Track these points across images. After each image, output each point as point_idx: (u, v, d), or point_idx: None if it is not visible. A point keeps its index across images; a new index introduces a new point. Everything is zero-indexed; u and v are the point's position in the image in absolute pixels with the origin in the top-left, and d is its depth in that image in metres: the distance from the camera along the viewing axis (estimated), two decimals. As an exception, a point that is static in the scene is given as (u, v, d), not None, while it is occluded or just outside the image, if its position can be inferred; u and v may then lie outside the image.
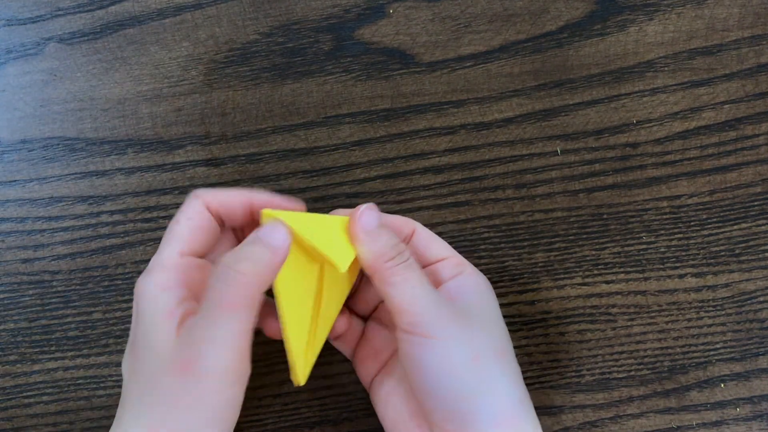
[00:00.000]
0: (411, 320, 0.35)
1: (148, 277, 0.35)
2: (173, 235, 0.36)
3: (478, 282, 0.38)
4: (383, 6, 0.46)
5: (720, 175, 0.45)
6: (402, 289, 0.35)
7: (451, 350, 0.35)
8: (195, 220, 0.36)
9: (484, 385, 0.35)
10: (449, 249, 0.39)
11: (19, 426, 0.43)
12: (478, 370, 0.35)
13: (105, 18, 0.46)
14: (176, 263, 0.35)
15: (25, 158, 0.45)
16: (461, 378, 0.35)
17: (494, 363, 0.35)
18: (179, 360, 0.32)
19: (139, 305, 0.35)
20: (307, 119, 0.45)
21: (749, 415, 0.43)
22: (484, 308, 0.37)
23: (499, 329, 0.37)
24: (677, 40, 0.46)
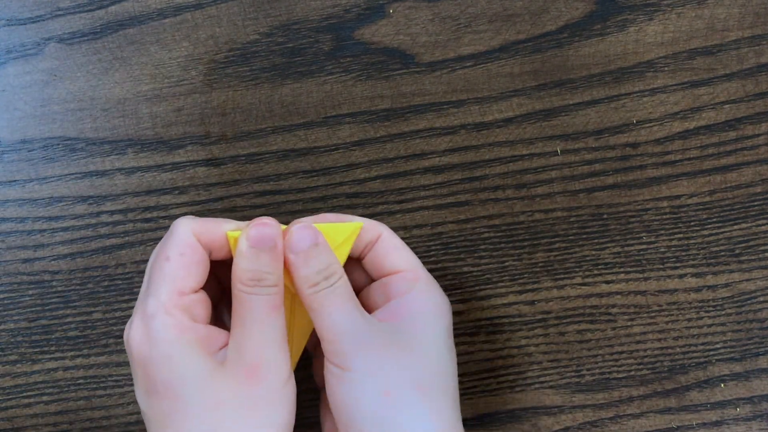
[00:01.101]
0: (328, 348, 0.35)
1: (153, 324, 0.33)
2: (165, 275, 0.34)
3: (425, 302, 0.36)
4: (383, 6, 0.46)
5: (720, 175, 0.45)
6: (323, 316, 0.34)
7: (362, 384, 0.34)
8: (188, 256, 0.34)
9: (391, 422, 0.34)
10: (409, 260, 0.37)
11: (19, 426, 0.43)
12: (387, 406, 0.34)
13: (105, 18, 0.46)
14: (179, 304, 0.34)
15: (25, 158, 0.45)
16: (369, 413, 0.34)
17: (409, 398, 0.34)
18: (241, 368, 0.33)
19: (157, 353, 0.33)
20: (307, 119, 0.45)
21: (749, 415, 0.43)
22: (425, 332, 0.36)
23: (436, 356, 0.36)
24: (677, 40, 0.46)
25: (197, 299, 0.35)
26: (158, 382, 0.33)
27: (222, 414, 0.33)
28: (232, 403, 0.33)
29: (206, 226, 0.35)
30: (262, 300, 0.34)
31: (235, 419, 0.33)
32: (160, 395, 0.33)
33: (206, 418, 0.33)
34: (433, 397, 0.35)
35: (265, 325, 0.34)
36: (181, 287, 0.34)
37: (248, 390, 0.33)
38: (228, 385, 0.33)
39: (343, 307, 0.35)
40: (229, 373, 0.33)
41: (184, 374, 0.33)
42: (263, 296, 0.34)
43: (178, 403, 0.33)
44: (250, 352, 0.33)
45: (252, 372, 0.33)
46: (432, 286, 0.37)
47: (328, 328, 0.35)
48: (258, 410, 0.33)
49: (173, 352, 0.33)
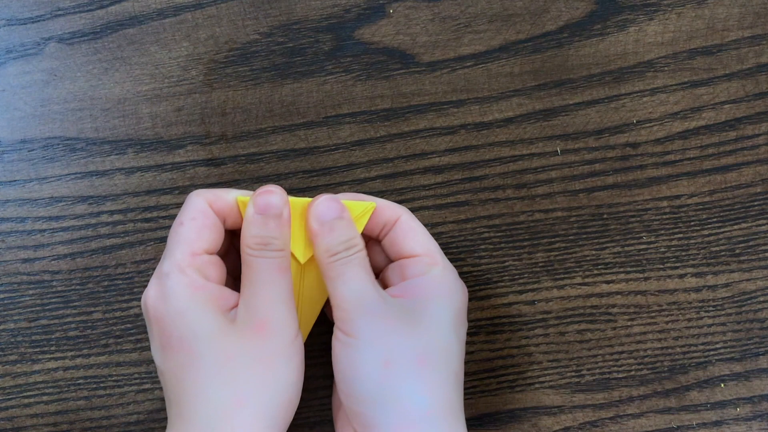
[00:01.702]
0: (338, 315, 0.36)
1: (169, 283, 0.35)
2: (180, 238, 0.36)
3: (439, 285, 0.37)
4: (383, 6, 0.46)
5: (720, 175, 0.45)
6: (337, 284, 0.36)
7: (365, 352, 0.35)
8: (199, 220, 0.36)
9: (389, 393, 0.35)
10: (427, 245, 0.38)
11: (19, 426, 0.43)
12: (386, 376, 0.35)
13: (105, 18, 0.46)
14: (192, 263, 0.35)
15: (25, 158, 0.45)
16: (368, 382, 0.35)
17: (409, 370, 0.35)
18: (251, 325, 0.34)
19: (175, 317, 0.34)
20: (307, 119, 0.45)
21: (749, 415, 0.43)
22: (434, 312, 0.37)
23: (441, 336, 0.36)
24: (677, 40, 0.46)
25: (210, 260, 0.36)
26: (173, 338, 0.35)
27: (232, 368, 0.34)
28: (242, 358, 0.34)
29: (218, 194, 0.37)
30: (269, 263, 0.35)
31: (245, 373, 0.34)
32: (174, 350, 0.35)
33: (218, 371, 0.34)
34: (434, 373, 0.36)
35: (272, 286, 0.35)
36: (193, 249, 0.36)
37: (257, 346, 0.34)
38: (238, 341, 0.34)
39: (358, 277, 0.36)
40: (238, 330, 0.34)
41: (196, 329, 0.34)
42: (270, 259, 0.35)
43: (191, 357, 0.34)
44: (258, 311, 0.35)
45: (260, 329, 0.34)
46: (448, 273, 0.38)
47: (341, 295, 0.36)
48: (266, 365, 0.34)
49: (186, 308, 0.34)
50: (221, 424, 0.33)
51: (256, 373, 0.34)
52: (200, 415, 0.34)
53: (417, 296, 0.37)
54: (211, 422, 0.34)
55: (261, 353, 0.34)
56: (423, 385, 0.35)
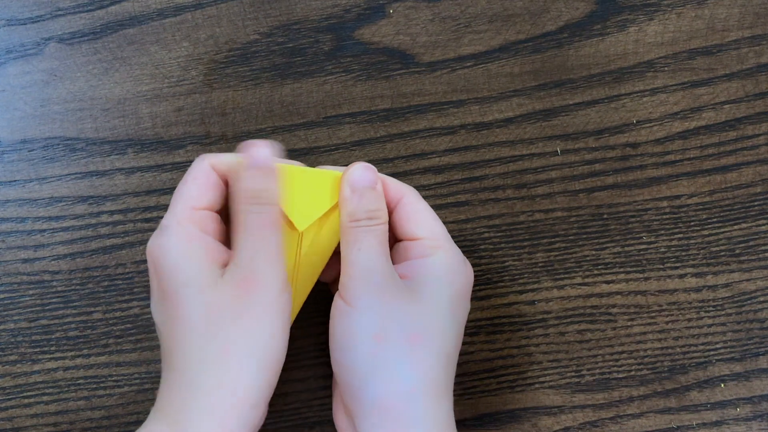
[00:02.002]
0: (343, 281, 0.36)
1: (167, 233, 0.36)
2: (182, 194, 0.37)
3: (440, 268, 0.37)
4: (383, 6, 0.46)
5: (720, 175, 0.45)
6: (352, 249, 0.36)
7: (358, 323, 0.35)
8: (201, 179, 0.37)
9: (377, 366, 0.35)
10: (431, 228, 0.38)
11: (19, 426, 0.43)
12: (376, 349, 0.35)
13: (105, 18, 0.46)
14: (191, 217, 0.36)
15: (25, 158, 0.45)
16: (358, 352, 0.35)
17: (399, 346, 0.35)
18: (238, 278, 0.34)
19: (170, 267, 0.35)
20: (307, 119, 0.45)
21: (749, 415, 0.43)
22: (432, 293, 0.37)
23: (437, 316, 0.37)
24: (677, 40, 0.46)
25: (209, 216, 0.37)
26: (165, 287, 0.35)
27: (217, 318, 0.34)
28: (227, 309, 0.34)
29: (221, 157, 0.37)
30: (259, 216, 0.35)
31: (232, 325, 0.34)
32: (165, 300, 0.35)
33: (206, 322, 0.34)
34: (424, 351, 0.36)
35: (260, 239, 0.35)
36: (193, 204, 0.36)
37: (242, 298, 0.34)
38: (224, 293, 0.34)
39: (373, 247, 0.36)
40: (226, 282, 0.35)
41: (187, 279, 0.35)
42: (260, 214, 0.35)
43: (179, 306, 0.34)
44: (245, 262, 0.35)
45: (246, 281, 0.34)
46: (450, 257, 0.38)
47: (352, 260, 0.36)
48: (250, 317, 0.34)
49: (180, 258, 0.35)
50: (208, 373, 0.34)
51: (242, 325, 0.34)
52: (188, 364, 0.34)
53: (417, 277, 0.37)
54: (198, 372, 0.34)
55: (244, 305, 0.34)
56: (411, 362, 0.35)
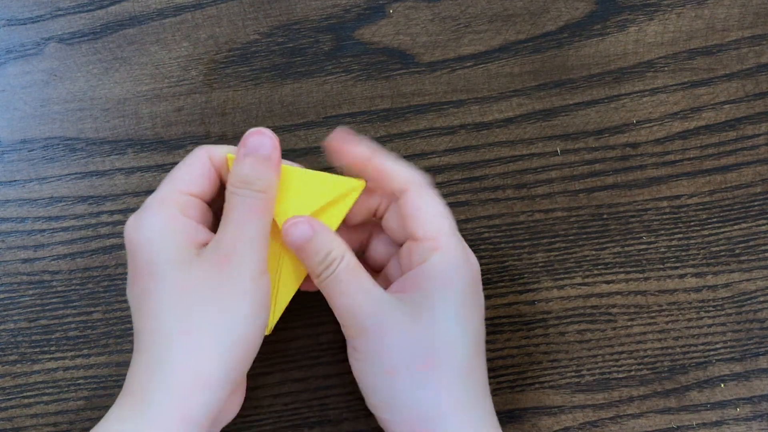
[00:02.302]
0: (343, 329, 0.37)
1: (146, 212, 0.35)
2: (171, 177, 0.36)
3: (437, 273, 0.36)
4: (383, 6, 0.46)
5: (720, 175, 0.45)
6: (332, 302, 0.36)
7: (368, 364, 0.36)
8: (195, 166, 0.36)
9: (397, 398, 0.35)
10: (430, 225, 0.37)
11: (19, 426, 0.43)
12: (391, 384, 0.35)
13: (105, 18, 0.46)
14: (175, 199, 0.36)
15: (25, 158, 0.45)
16: (377, 391, 0.36)
17: (413, 374, 0.35)
18: (213, 257, 0.34)
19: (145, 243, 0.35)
20: (307, 119, 0.45)
21: (749, 415, 0.43)
22: (434, 305, 0.36)
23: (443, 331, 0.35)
24: (677, 40, 0.46)
25: (195, 202, 0.36)
26: (138, 265, 0.35)
27: (186, 297, 0.34)
28: (197, 288, 0.34)
29: (220, 149, 0.37)
30: (247, 201, 0.35)
31: (202, 304, 0.34)
32: (138, 278, 0.35)
33: (172, 300, 0.34)
34: (440, 372, 0.35)
35: (244, 223, 0.35)
36: (180, 187, 0.36)
37: (214, 277, 0.34)
38: (200, 272, 0.34)
39: (347, 291, 0.36)
40: (203, 261, 0.34)
41: (159, 257, 0.34)
42: (248, 198, 0.35)
43: (151, 284, 0.34)
44: (224, 243, 0.34)
45: (222, 260, 0.34)
46: (449, 257, 0.36)
47: (337, 313, 0.36)
48: (224, 298, 0.34)
49: (155, 236, 0.35)
50: (173, 350, 0.33)
51: (208, 305, 0.34)
52: (156, 342, 0.34)
53: (415, 290, 0.36)
54: (163, 349, 0.33)
55: (217, 285, 0.34)
56: (429, 387, 0.35)
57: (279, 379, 0.43)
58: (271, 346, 0.43)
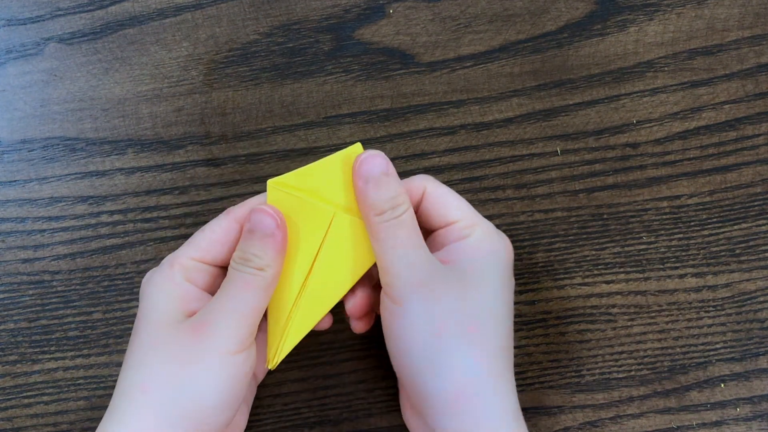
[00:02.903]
0: (386, 281, 0.36)
1: (158, 270, 0.37)
2: (191, 241, 0.37)
3: (482, 247, 0.36)
4: (383, 6, 0.46)
5: (720, 175, 0.45)
6: (385, 248, 0.35)
7: (415, 322, 0.35)
8: (217, 234, 0.37)
9: (440, 362, 0.34)
10: (460, 209, 0.37)
11: (19, 426, 0.43)
12: (437, 345, 0.34)
13: (105, 18, 0.46)
14: (183, 263, 0.37)
15: (25, 158, 0.45)
16: (420, 351, 0.35)
17: (458, 339, 0.34)
18: (193, 324, 0.35)
19: (145, 297, 0.36)
20: (307, 119, 0.45)
21: (749, 415, 0.43)
22: (480, 275, 0.36)
23: (489, 299, 0.36)
24: (677, 40, 0.46)
25: (204, 269, 0.37)
26: (138, 315, 0.37)
27: (158, 357, 0.34)
28: (173, 351, 0.34)
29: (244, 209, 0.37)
30: (242, 277, 0.35)
31: (168, 365, 0.34)
32: (134, 329, 0.37)
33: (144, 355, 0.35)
34: (483, 339, 0.35)
35: (232, 297, 0.35)
36: (192, 254, 0.37)
37: (189, 344, 0.34)
38: (177, 336, 0.35)
39: (408, 241, 0.35)
40: (185, 326, 0.35)
41: (149, 313, 0.36)
42: (244, 274, 0.35)
43: (136, 337, 0.36)
44: (206, 313, 0.35)
45: (197, 328, 0.34)
46: (488, 233, 0.37)
47: (389, 260, 0.35)
48: (191, 365, 0.34)
49: (152, 294, 0.36)
50: (122, 402, 0.34)
51: (174, 368, 0.34)
52: (116, 390, 0.35)
53: (461, 261, 0.36)
54: (117, 400, 0.35)
55: (187, 352, 0.34)
56: (473, 352, 0.35)
57: (279, 379, 0.43)
58: (271, 346, 0.43)
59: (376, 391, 0.43)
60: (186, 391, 0.34)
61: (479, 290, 0.36)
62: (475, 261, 0.36)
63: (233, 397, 0.35)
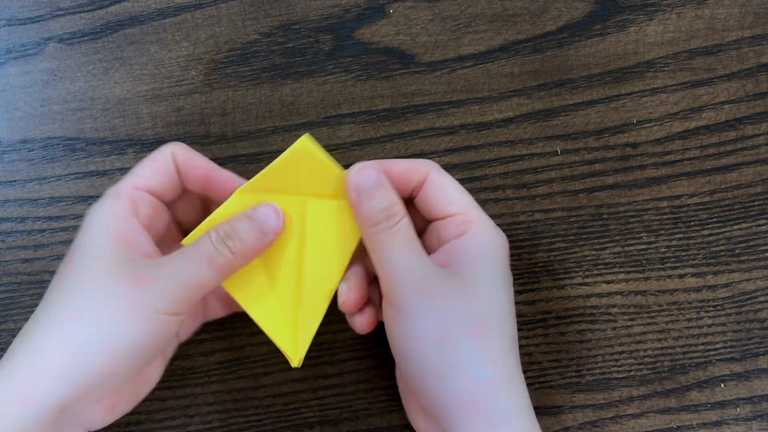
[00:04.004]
0: (387, 289, 0.35)
1: (102, 202, 0.36)
2: (132, 172, 0.37)
3: (478, 244, 0.36)
4: (383, 6, 0.46)
5: (720, 175, 0.45)
6: (382, 257, 0.35)
7: (419, 329, 0.34)
8: (158, 162, 0.37)
9: (450, 367, 0.34)
10: (459, 202, 0.37)
11: (19, 426, 0.43)
12: (444, 351, 0.34)
13: (105, 18, 0.46)
14: (129, 194, 0.36)
15: (25, 158, 0.45)
16: (427, 359, 0.34)
17: (465, 342, 0.34)
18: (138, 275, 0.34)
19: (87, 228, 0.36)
20: (307, 119, 0.45)
21: (749, 415, 0.43)
22: (479, 274, 0.36)
23: (491, 297, 0.35)
24: (677, 40, 0.46)
25: (149, 200, 0.37)
26: (73, 246, 0.36)
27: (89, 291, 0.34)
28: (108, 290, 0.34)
29: (189, 154, 0.38)
30: (212, 252, 0.35)
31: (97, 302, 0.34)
32: (68, 256, 0.36)
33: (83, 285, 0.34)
34: (490, 340, 0.35)
35: (193, 267, 0.35)
36: (136, 182, 0.37)
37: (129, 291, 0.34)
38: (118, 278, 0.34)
39: (404, 249, 0.35)
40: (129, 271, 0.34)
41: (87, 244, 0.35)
42: (216, 251, 0.35)
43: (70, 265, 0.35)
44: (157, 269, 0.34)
45: (144, 281, 0.34)
46: (485, 227, 0.37)
47: (388, 269, 0.35)
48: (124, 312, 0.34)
49: (94, 226, 0.36)
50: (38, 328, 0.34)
51: (101, 307, 0.34)
52: (37, 314, 0.35)
53: (459, 261, 0.36)
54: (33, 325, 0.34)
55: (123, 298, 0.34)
56: (482, 355, 0.34)
57: (279, 379, 0.43)
58: (271, 345, 0.43)
59: (376, 391, 0.43)
60: (109, 335, 0.34)
61: (480, 291, 0.35)
62: (473, 262, 0.36)
63: (150, 353, 0.35)
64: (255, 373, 0.43)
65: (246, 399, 0.43)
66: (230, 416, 0.43)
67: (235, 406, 0.43)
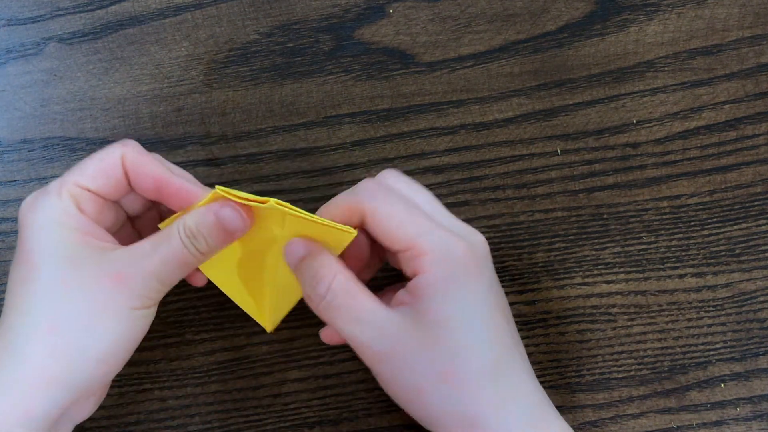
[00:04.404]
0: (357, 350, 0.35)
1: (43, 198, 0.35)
2: (77, 168, 0.36)
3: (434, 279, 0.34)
4: (383, 6, 0.46)
5: (720, 175, 0.45)
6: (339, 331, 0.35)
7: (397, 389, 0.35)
8: (104, 164, 0.36)
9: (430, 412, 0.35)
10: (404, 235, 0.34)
11: (19, 426, 0.43)
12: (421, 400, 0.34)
13: (105, 18, 0.46)
14: (70, 190, 0.35)
15: (25, 158, 0.45)
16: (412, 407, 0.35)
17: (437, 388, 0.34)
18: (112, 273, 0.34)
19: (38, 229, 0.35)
20: (307, 119, 0.45)
21: (749, 415, 0.43)
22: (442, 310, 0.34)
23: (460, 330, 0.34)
24: (677, 40, 0.46)
25: (92, 199, 0.36)
26: (24, 249, 0.35)
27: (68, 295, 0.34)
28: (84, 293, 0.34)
29: (140, 158, 0.36)
30: (181, 249, 0.35)
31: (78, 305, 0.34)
32: (22, 261, 0.35)
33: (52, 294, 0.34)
34: (460, 379, 0.34)
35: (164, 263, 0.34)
36: (80, 181, 0.35)
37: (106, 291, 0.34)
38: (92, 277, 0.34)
39: (348, 319, 0.35)
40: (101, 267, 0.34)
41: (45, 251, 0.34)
42: (184, 248, 0.35)
43: (32, 273, 0.34)
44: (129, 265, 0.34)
45: (119, 279, 0.34)
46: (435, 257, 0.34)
47: (346, 337, 0.35)
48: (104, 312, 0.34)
49: (44, 223, 0.34)
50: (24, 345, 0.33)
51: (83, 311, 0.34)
52: (11, 331, 0.34)
53: (421, 299, 0.34)
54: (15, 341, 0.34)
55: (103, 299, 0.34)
56: (457, 398, 0.34)
57: (279, 379, 0.43)
58: (271, 346, 0.43)
59: (376, 391, 0.43)
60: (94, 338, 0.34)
61: (443, 331, 0.34)
62: (431, 300, 0.34)
63: (133, 347, 0.36)
64: (255, 373, 0.43)
65: (246, 399, 0.43)
66: (230, 416, 0.43)
67: (235, 406, 0.43)
